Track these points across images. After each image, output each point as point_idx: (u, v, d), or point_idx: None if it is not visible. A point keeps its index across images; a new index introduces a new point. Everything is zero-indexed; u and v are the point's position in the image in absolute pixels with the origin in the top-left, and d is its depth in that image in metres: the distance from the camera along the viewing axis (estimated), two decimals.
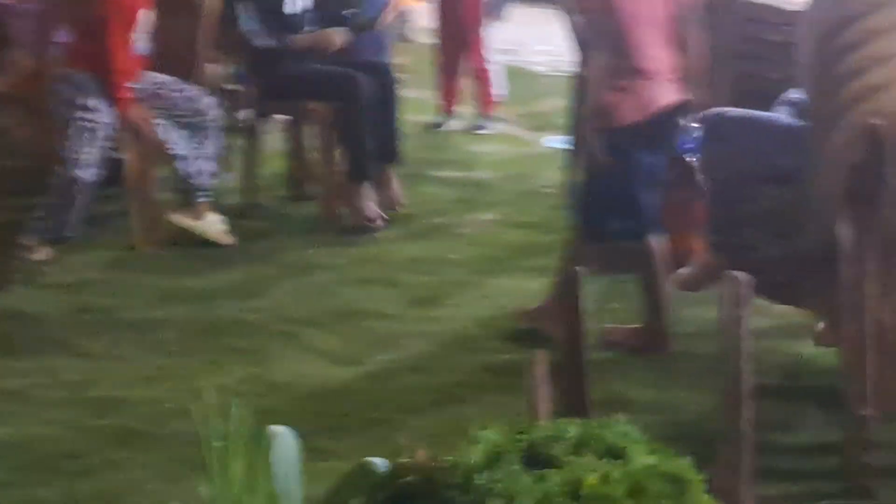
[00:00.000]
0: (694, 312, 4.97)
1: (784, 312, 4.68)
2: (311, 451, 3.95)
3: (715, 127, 4.02)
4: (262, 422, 4.17)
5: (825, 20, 3.62)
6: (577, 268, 3.08)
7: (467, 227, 6.14)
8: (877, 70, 3.52)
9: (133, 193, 5.86)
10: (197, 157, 5.80)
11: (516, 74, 8.94)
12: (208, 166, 5.85)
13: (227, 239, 5.81)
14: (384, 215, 6.07)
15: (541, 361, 3.02)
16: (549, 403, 2.93)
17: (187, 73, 5.98)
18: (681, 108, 4.59)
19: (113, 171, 5.78)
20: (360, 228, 5.97)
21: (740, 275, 2.92)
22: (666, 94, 4.56)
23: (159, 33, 5.80)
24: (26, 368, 4.64)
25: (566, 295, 3.00)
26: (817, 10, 3.77)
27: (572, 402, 2.90)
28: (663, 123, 4.57)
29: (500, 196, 6.45)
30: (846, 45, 3.52)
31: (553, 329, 4.67)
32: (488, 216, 6.25)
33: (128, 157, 5.81)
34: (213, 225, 5.85)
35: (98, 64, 5.53)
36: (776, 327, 4.75)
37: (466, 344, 4.82)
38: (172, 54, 5.95)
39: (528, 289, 5.36)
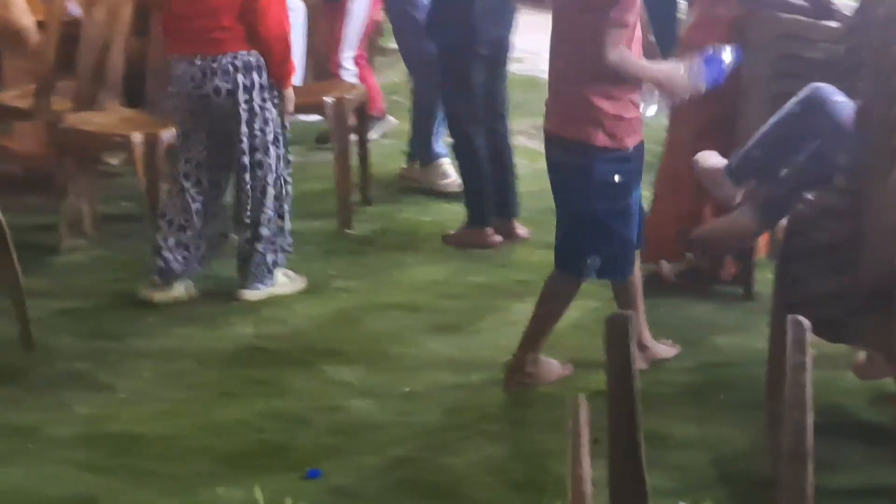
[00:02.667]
0: (730, 341, 4.81)
1: (818, 342, 4.51)
2: (338, 494, 3.86)
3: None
4: (283, 459, 4.05)
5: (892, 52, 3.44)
6: (626, 312, 2.87)
7: (486, 248, 5.95)
8: None
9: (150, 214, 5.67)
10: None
11: (530, 85, 8.74)
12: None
13: (302, 281, 5.47)
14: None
15: (578, 407, 2.84)
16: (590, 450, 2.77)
17: None
18: None
19: None
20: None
21: (803, 319, 2.74)
22: None
23: None
24: (38, 403, 4.46)
25: (614, 344, 2.79)
26: (884, 42, 3.59)
27: (624, 472, 2.70)
28: None
29: (522, 214, 6.27)
30: None
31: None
32: None
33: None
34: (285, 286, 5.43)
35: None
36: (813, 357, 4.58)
37: (495, 375, 4.64)
38: None
39: None
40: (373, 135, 7.04)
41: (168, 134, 5.67)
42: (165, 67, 5.91)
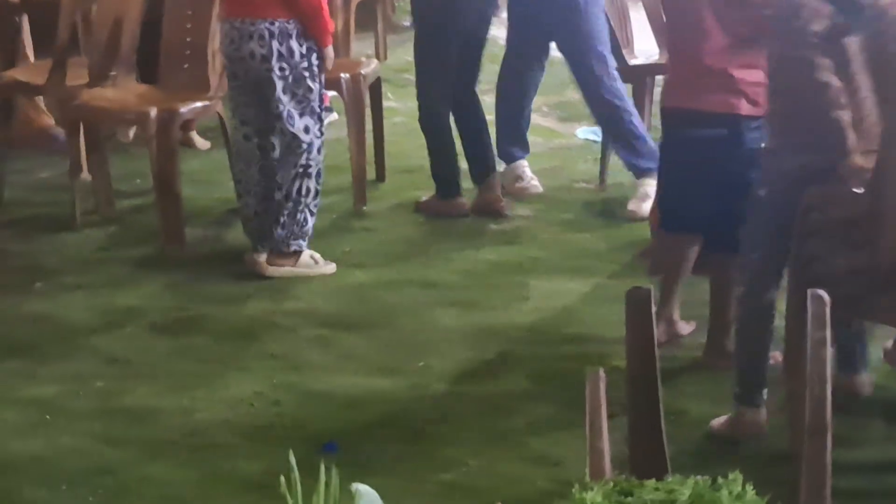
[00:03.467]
0: None
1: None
2: (353, 467, 3.85)
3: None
4: (302, 433, 4.06)
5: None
6: (645, 287, 2.86)
7: (501, 224, 5.96)
8: None
9: (160, 191, 5.67)
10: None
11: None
12: None
13: (330, 268, 5.45)
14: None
15: (596, 381, 2.84)
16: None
17: None
18: None
19: None
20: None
21: (823, 294, 2.73)
22: None
23: None
24: (54, 375, 4.48)
25: (635, 318, 2.78)
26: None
27: (644, 446, 2.70)
28: None
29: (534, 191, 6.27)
30: None
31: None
32: (522, 213, 6.07)
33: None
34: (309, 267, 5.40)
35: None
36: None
37: (509, 350, 4.65)
38: None
39: (569, 290, 5.20)
40: None
41: (185, 109, 5.69)
42: (178, 42, 5.94)
